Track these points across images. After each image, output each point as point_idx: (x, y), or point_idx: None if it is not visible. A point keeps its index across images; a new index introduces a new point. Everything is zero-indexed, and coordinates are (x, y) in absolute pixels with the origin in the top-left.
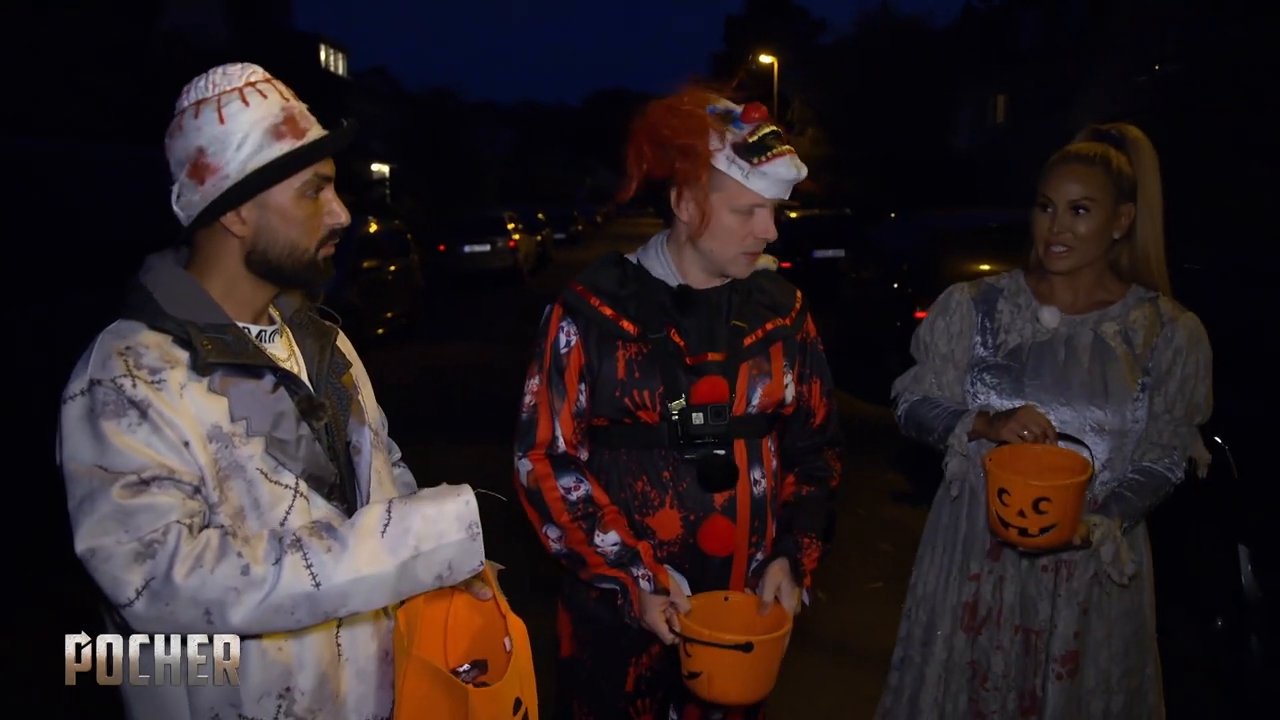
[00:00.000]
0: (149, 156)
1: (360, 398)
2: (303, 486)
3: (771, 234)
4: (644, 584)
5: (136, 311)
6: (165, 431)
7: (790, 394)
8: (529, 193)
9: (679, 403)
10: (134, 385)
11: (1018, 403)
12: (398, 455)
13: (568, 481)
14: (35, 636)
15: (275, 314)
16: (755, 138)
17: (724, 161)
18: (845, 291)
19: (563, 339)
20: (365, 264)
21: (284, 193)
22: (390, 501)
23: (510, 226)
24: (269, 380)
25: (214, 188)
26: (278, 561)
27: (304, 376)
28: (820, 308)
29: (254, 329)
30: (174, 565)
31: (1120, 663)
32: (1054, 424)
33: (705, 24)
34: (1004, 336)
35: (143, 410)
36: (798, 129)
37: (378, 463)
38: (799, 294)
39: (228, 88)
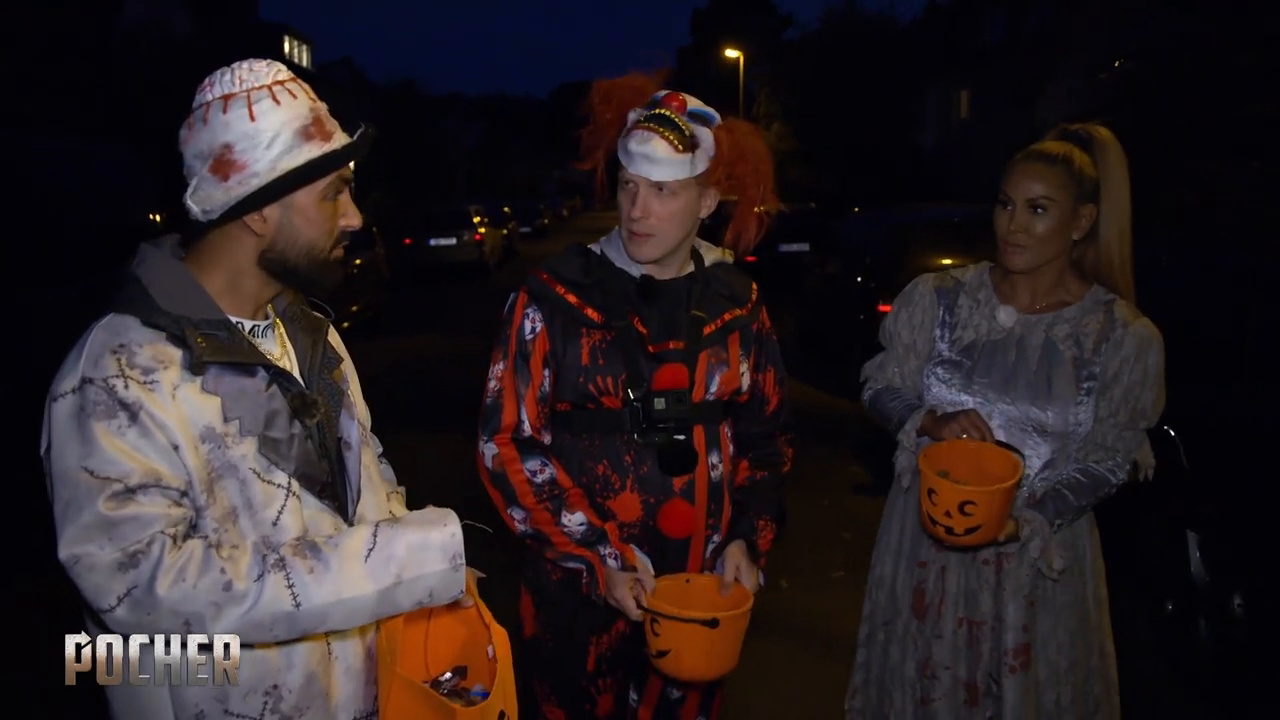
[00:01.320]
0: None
1: (350, 392)
2: (295, 486)
3: (635, 213)
4: (611, 562)
5: (130, 305)
6: (155, 435)
7: (746, 382)
8: (496, 186)
9: (641, 389)
10: (126, 386)
11: (965, 398)
12: (379, 450)
13: (533, 465)
14: (20, 632)
15: (269, 308)
16: (642, 115)
17: (621, 139)
18: (809, 285)
19: (528, 325)
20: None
21: (309, 194)
22: (377, 525)
23: (476, 220)
24: (262, 378)
25: (240, 185)
26: (260, 578)
27: (296, 372)
28: (785, 301)
29: (248, 324)
30: (157, 577)
31: (1067, 654)
32: (997, 423)
33: (672, 17)
34: (960, 332)
35: (133, 412)
36: (764, 123)
37: (366, 458)
38: (754, 285)
39: (256, 84)
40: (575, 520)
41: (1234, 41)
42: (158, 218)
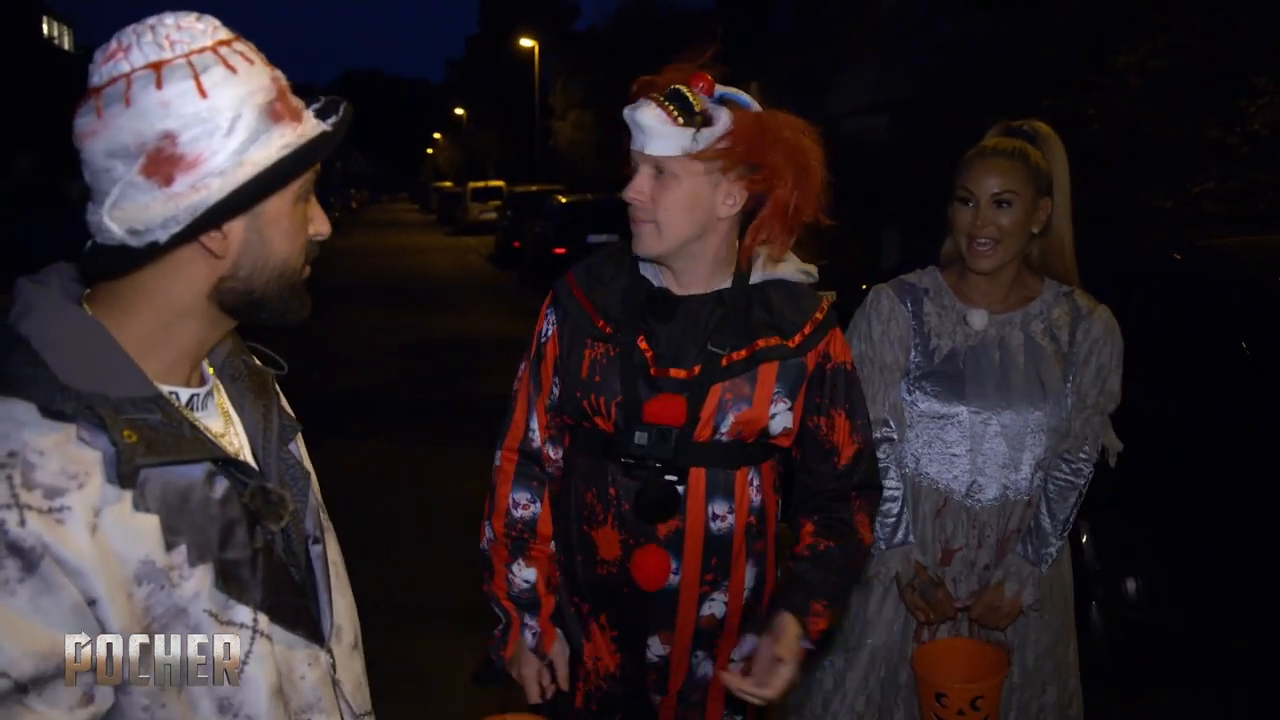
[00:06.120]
0: None
1: (308, 463)
2: (262, 622)
3: (628, 194)
4: (529, 636)
5: (21, 385)
6: (63, 591)
7: (779, 424)
8: None
9: (631, 417)
10: (21, 521)
11: (959, 408)
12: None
13: (521, 496)
14: None
15: (206, 365)
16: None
17: None
18: None
19: (546, 328)
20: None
21: (282, 197)
22: None
23: None
24: (211, 475)
25: (194, 190)
26: None
27: (247, 454)
28: None
29: (184, 394)
30: None
31: (1050, 657)
32: (994, 431)
33: (461, 4)
34: (936, 341)
35: (30, 561)
36: (559, 113)
37: (334, 552)
38: (820, 312)
39: (196, 46)
40: (523, 576)
41: (1036, 38)
42: None
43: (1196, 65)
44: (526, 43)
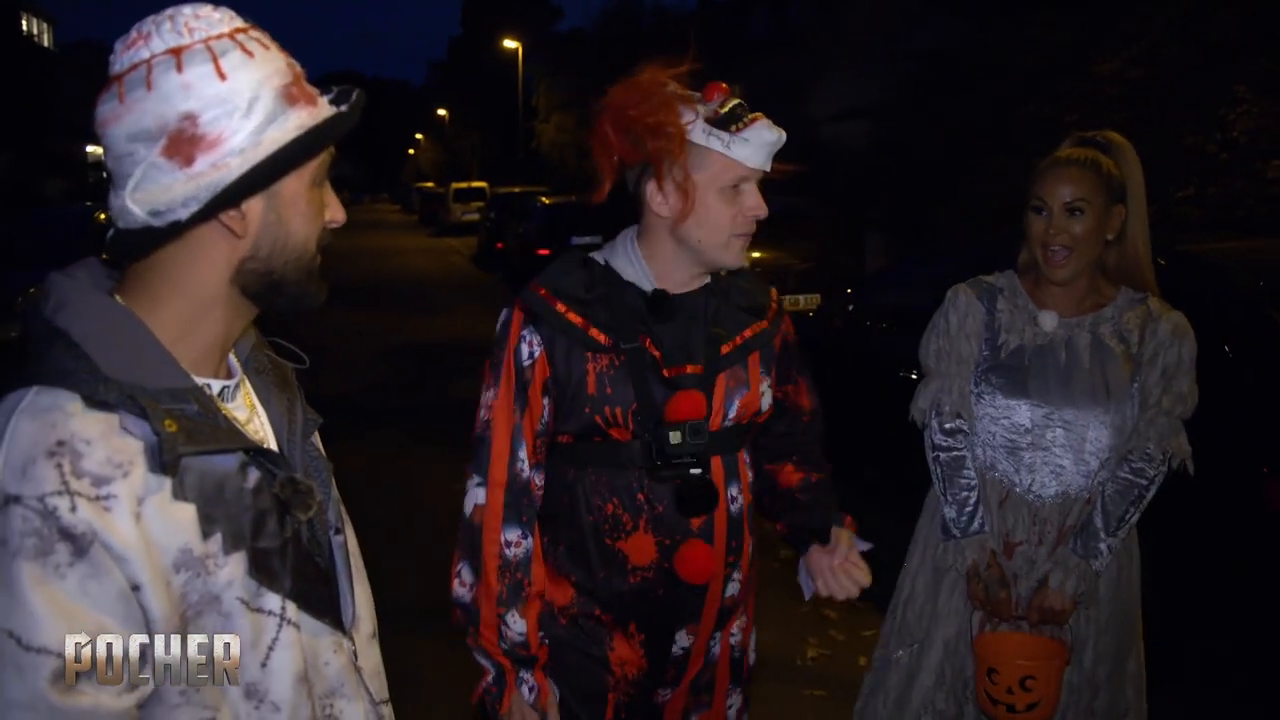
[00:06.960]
0: None
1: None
2: (290, 610)
3: (763, 210)
4: (525, 691)
5: (63, 375)
6: (109, 576)
7: (766, 402)
8: None
9: (653, 420)
10: (72, 508)
11: (1022, 403)
12: None
13: (512, 534)
14: None
15: (233, 358)
16: (726, 108)
17: (701, 135)
18: None
19: (525, 349)
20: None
21: (299, 178)
22: None
23: None
24: (244, 466)
25: (215, 169)
26: None
27: (272, 445)
28: None
29: (215, 385)
30: None
31: (1105, 663)
32: (1059, 425)
33: (442, 6)
34: (1005, 336)
35: (80, 546)
36: (542, 115)
37: (352, 543)
38: (774, 292)
39: (214, 33)
40: (517, 628)
41: (1018, 44)
42: None
43: (1175, 73)
44: (510, 44)
